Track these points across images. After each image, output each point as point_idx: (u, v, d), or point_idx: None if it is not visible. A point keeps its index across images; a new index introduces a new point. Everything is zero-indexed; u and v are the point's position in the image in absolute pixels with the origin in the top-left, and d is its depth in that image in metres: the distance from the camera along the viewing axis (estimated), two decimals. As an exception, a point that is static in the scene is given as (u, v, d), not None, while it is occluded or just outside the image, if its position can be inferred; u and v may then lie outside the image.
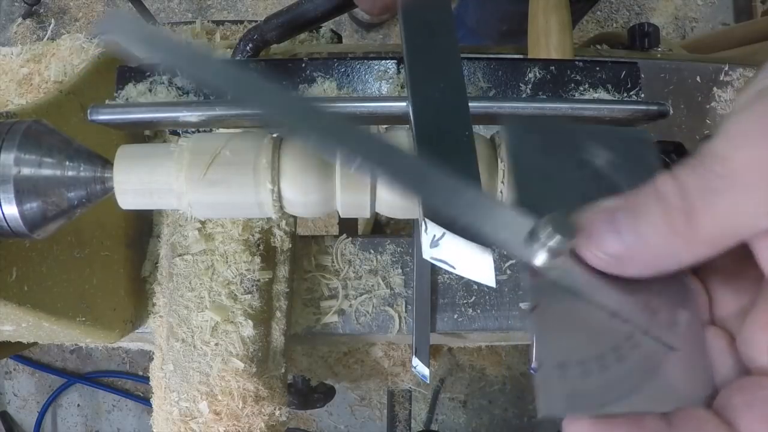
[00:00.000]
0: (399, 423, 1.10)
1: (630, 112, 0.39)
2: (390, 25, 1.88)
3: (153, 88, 0.42)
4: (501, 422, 1.75)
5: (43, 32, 1.79)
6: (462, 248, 0.32)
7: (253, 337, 0.54)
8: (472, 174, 0.34)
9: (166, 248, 0.56)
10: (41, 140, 0.35)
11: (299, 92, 0.43)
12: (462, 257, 0.32)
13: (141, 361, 1.75)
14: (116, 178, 0.37)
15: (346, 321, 0.62)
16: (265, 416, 0.55)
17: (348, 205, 0.38)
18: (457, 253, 0.32)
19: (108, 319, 0.54)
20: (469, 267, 0.32)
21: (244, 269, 0.54)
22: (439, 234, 0.32)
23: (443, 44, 0.39)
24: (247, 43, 0.56)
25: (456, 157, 0.35)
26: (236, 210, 0.39)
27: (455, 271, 0.33)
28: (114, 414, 1.79)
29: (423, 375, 0.61)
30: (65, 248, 0.49)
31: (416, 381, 0.89)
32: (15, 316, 0.44)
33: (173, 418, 0.53)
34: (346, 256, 0.62)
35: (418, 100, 0.36)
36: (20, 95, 0.56)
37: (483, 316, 0.63)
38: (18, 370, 1.79)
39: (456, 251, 0.32)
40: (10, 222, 0.35)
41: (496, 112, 0.40)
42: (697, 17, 1.95)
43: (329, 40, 0.74)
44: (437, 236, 0.32)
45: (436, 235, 0.32)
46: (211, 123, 0.40)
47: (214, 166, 0.37)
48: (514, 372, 1.71)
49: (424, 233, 0.33)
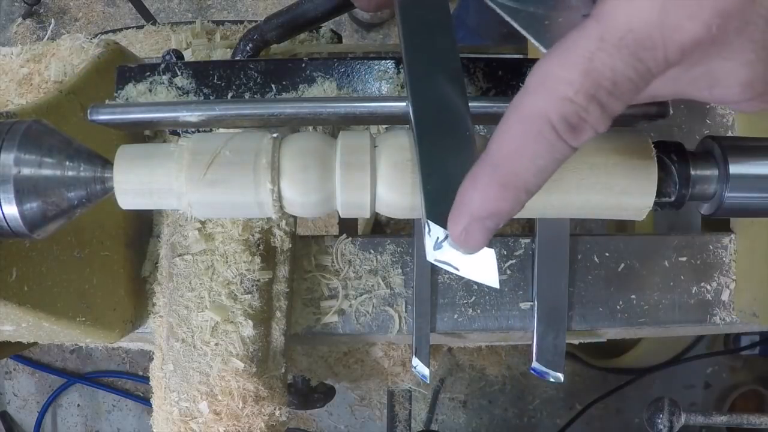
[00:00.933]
0: (399, 423, 1.10)
1: (629, 112, 0.39)
2: (390, 25, 1.88)
3: (153, 88, 0.42)
4: (501, 422, 1.75)
5: (43, 32, 1.79)
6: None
7: (253, 337, 0.54)
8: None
9: (166, 248, 0.56)
10: (41, 140, 0.35)
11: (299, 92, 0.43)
12: (465, 259, 0.32)
13: (141, 361, 1.75)
14: (116, 178, 0.37)
15: (346, 321, 0.62)
16: (265, 416, 0.55)
17: (348, 205, 0.38)
18: (460, 254, 0.32)
19: (108, 319, 0.54)
20: (473, 268, 0.33)
21: (244, 269, 0.54)
22: (443, 236, 0.32)
23: (442, 42, 0.39)
24: (247, 43, 0.56)
25: (457, 155, 0.35)
26: (236, 210, 0.39)
27: (459, 272, 0.33)
28: (114, 414, 1.79)
29: (423, 375, 0.61)
30: (65, 248, 0.49)
31: (416, 381, 0.89)
32: (15, 316, 0.44)
33: (173, 418, 0.53)
34: (346, 256, 0.62)
35: (418, 99, 0.36)
36: (20, 95, 0.56)
37: (483, 316, 0.63)
38: (18, 370, 1.79)
39: (459, 253, 0.32)
40: (10, 222, 0.35)
41: (496, 112, 0.40)
42: (697, 17, 1.95)
43: (329, 40, 0.74)
44: (440, 238, 0.32)
45: (439, 237, 0.32)
46: (211, 123, 0.40)
47: (214, 166, 0.37)
48: (514, 372, 1.71)
49: (428, 235, 0.33)
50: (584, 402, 1.54)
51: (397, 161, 0.37)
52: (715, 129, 0.68)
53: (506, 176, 0.30)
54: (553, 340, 0.61)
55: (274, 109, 0.39)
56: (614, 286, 0.63)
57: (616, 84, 0.28)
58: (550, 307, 0.61)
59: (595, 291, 0.63)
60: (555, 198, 0.38)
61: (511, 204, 0.31)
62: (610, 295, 0.63)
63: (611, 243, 0.64)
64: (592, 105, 0.28)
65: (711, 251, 0.64)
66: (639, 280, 0.64)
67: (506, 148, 0.30)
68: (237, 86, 0.42)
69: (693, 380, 1.71)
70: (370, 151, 0.37)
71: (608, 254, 0.64)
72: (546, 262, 0.61)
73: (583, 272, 0.63)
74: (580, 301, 0.63)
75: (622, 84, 0.28)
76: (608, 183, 0.38)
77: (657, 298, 0.64)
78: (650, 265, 0.64)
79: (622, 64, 0.28)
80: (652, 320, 0.64)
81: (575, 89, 0.28)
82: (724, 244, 0.65)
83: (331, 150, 0.38)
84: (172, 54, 0.54)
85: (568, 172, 0.38)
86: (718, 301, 0.64)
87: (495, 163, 0.30)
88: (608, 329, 0.65)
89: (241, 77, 0.42)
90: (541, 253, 0.61)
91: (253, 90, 0.42)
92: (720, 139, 0.40)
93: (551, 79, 0.29)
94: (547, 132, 0.29)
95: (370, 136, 0.38)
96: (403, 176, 0.37)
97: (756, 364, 1.70)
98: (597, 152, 0.38)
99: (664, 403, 0.80)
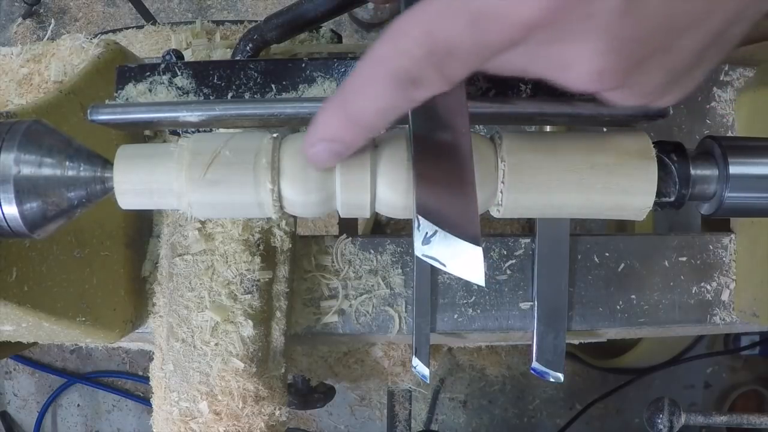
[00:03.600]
0: (399, 423, 1.10)
1: (630, 112, 0.39)
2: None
3: (153, 88, 0.42)
4: (501, 422, 1.75)
5: (43, 32, 1.78)
6: (452, 245, 0.32)
7: (253, 337, 0.54)
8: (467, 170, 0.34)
9: (166, 248, 0.56)
10: (41, 140, 0.35)
11: (299, 92, 0.43)
12: (452, 255, 0.32)
13: (141, 361, 1.75)
14: (116, 178, 0.37)
15: (346, 321, 0.62)
16: (265, 416, 0.55)
17: (348, 205, 0.38)
18: (447, 250, 0.32)
19: (108, 319, 0.54)
20: (459, 264, 0.33)
21: (244, 269, 0.54)
22: (432, 231, 0.32)
23: None
24: (247, 43, 0.56)
25: (451, 152, 0.35)
26: (236, 210, 0.39)
27: (445, 268, 0.33)
28: (114, 414, 1.79)
29: (423, 375, 0.61)
30: (65, 248, 0.49)
31: (416, 381, 0.89)
32: (15, 316, 0.44)
33: (173, 418, 0.53)
34: (346, 256, 0.62)
35: None
36: (20, 95, 0.56)
37: (483, 316, 0.63)
38: (18, 370, 1.79)
39: (447, 249, 0.32)
40: (10, 222, 0.35)
41: (496, 112, 0.40)
42: (697, 17, 1.95)
43: (329, 40, 0.74)
44: (429, 233, 0.33)
45: (428, 233, 0.33)
46: (211, 123, 0.40)
47: (214, 166, 0.37)
48: (514, 372, 1.71)
49: (417, 230, 0.33)
50: (584, 402, 1.54)
51: (397, 161, 0.37)
52: (715, 129, 0.68)
53: (350, 110, 0.33)
54: (553, 340, 0.61)
55: (274, 109, 0.39)
56: (614, 286, 0.63)
57: (455, 48, 0.29)
58: (550, 307, 0.61)
59: (595, 291, 0.63)
60: (555, 198, 0.38)
61: (353, 135, 0.34)
62: (610, 295, 0.63)
63: (611, 243, 0.64)
64: (430, 64, 0.29)
65: (711, 251, 0.64)
66: (639, 280, 0.64)
67: (353, 85, 0.32)
68: (237, 86, 0.42)
69: (693, 380, 1.71)
70: (370, 151, 0.37)
71: (608, 254, 0.64)
72: (546, 262, 0.61)
73: (583, 272, 0.63)
74: (580, 301, 0.63)
75: (462, 50, 0.29)
76: (608, 183, 0.38)
77: (657, 298, 0.64)
78: (650, 265, 0.64)
79: (462, 31, 0.28)
80: (652, 320, 0.64)
81: (416, 45, 0.29)
82: (724, 244, 0.65)
83: (331, 150, 0.38)
84: (172, 54, 0.54)
85: (569, 172, 0.38)
86: (718, 301, 0.64)
87: (344, 97, 0.33)
88: (608, 329, 0.65)
89: (241, 77, 0.42)
90: (541, 253, 0.61)
91: (253, 90, 0.42)
92: (720, 139, 0.40)
93: (399, 32, 0.30)
94: (388, 79, 0.30)
95: (370, 136, 0.38)
96: (403, 176, 0.37)
97: (756, 364, 1.70)
98: (597, 152, 0.38)
99: (664, 403, 0.80)
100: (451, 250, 0.32)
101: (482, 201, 0.38)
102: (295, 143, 0.38)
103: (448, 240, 0.32)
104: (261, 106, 0.40)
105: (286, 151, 0.38)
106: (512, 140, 0.39)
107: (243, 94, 0.42)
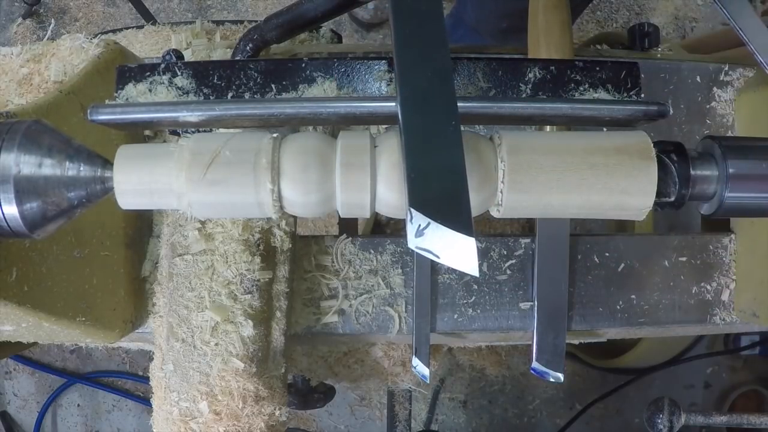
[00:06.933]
0: (399, 423, 1.10)
1: (630, 112, 0.39)
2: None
3: (153, 88, 0.42)
4: (501, 422, 1.75)
5: (43, 32, 1.78)
6: (446, 237, 0.32)
7: (253, 337, 0.54)
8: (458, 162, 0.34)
9: (166, 248, 0.56)
10: (41, 140, 0.35)
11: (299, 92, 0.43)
12: (446, 246, 0.33)
13: (141, 361, 1.75)
14: (116, 178, 0.37)
15: (346, 321, 0.62)
16: (265, 416, 0.55)
17: (348, 205, 0.38)
18: (440, 241, 0.33)
19: (108, 319, 0.54)
20: (453, 255, 0.33)
21: (244, 269, 0.54)
22: (424, 223, 0.32)
23: (431, 32, 0.38)
24: (247, 43, 0.56)
25: (441, 145, 0.34)
26: (236, 210, 0.39)
27: (439, 260, 0.33)
28: (114, 414, 1.79)
29: (423, 375, 0.61)
30: (65, 248, 0.49)
31: (416, 381, 0.89)
32: (15, 316, 0.44)
33: (173, 418, 0.53)
34: (346, 256, 0.62)
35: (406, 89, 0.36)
36: (20, 95, 0.56)
37: (483, 316, 0.63)
38: (18, 370, 1.79)
39: (440, 240, 0.33)
40: (10, 222, 0.35)
41: (496, 112, 0.40)
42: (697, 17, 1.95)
43: (329, 40, 0.74)
44: (422, 225, 0.33)
45: (421, 225, 0.33)
46: (211, 123, 0.40)
47: (214, 166, 0.37)
48: (514, 372, 1.71)
49: (410, 223, 0.33)
50: (584, 402, 1.54)
51: (397, 161, 0.37)
52: (715, 129, 0.68)
53: None
54: (553, 340, 0.61)
55: (274, 109, 0.39)
56: (614, 286, 0.63)
57: None
58: (550, 307, 0.61)
59: (595, 291, 0.63)
60: (555, 198, 0.38)
61: None
62: (610, 295, 0.63)
63: (611, 243, 0.64)
64: None
65: (711, 251, 0.64)
66: (639, 280, 0.64)
67: None
68: (237, 86, 0.42)
69: (693, 380, 1.71)
70: (370, 151, 0.37)
71: (608, 254, 0.64)
72: (546, 262, 0.61)
73: (583, 272, 0.63)
74: (580, 301, 0.63)
75: None
76: (608, 183, 0.38)
77: (657, 298, 0.64)
78: (650, 265, 0.64)
79: None
80: (652, 320, 0.64)
81: None
82: (724, 244, 0.65)
83: (331, 150, 0.38)
84: (172, 54, 0.54)
85: (569, 172, 0.38)
86: (718, 301, 0.64)
87: None
88: (608, 329, 0.65)
89: (241, 77, 0.42)
90: (541, 253, 0.61)
91: (253, 90, 0.42)
92: (720, 139, 0.40)
93: None
94: None
95: (370, 136, 0.38)
96: (402, 176, 0.37)
97: (756, 364, 1.70)
98: (597, 152, 0.38)
99: (664, 403, 0.80)
100: (444, 241, 0.32)
101: (482, 201, 0.38)
102: (295, 143, 0.38)
103: (440, 231, 0.32)
104: (261, 106, 0.40)
105: (286, 151, 0.38)
106: (512, 140, 0.39)
107: (243, 94, 0.42)
